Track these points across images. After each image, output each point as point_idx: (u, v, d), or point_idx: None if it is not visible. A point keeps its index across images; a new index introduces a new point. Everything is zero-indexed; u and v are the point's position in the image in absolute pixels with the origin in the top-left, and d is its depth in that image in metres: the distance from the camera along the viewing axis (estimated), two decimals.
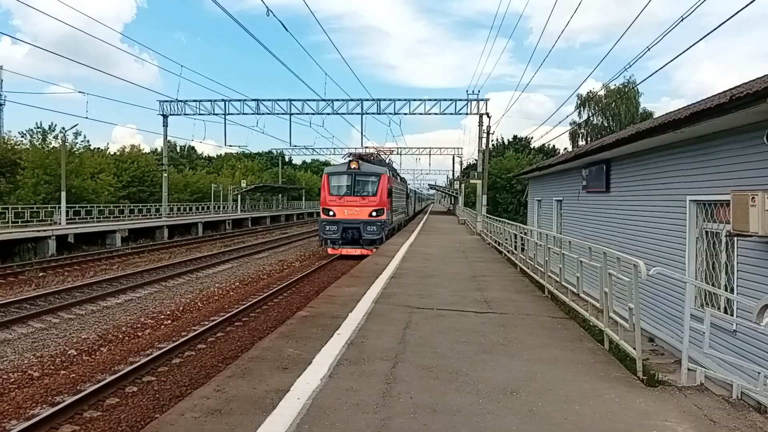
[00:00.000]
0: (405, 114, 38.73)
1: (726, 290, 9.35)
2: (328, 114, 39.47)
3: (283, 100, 39.90)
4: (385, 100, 39.05)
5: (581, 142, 61.53)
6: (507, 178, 47.58)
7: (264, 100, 41.05)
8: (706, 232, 10.28)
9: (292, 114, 39.60)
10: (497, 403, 5.59)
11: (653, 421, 5.30)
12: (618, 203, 14.91)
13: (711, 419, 5.41)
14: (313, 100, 39.09)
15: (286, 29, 16.95)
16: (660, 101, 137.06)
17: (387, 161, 40.56)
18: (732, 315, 9.03)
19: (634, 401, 5.80)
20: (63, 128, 42.36)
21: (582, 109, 64.07)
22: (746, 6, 10.39)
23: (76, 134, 48.81)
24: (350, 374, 6.38)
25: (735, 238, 8.86)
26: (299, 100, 39.75)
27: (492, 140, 48.84)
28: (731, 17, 10.78)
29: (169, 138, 50.62)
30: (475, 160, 42.85)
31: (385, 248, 22.85)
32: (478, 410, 5.39)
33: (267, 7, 14.30)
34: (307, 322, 8.91)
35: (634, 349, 7.04)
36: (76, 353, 11.87)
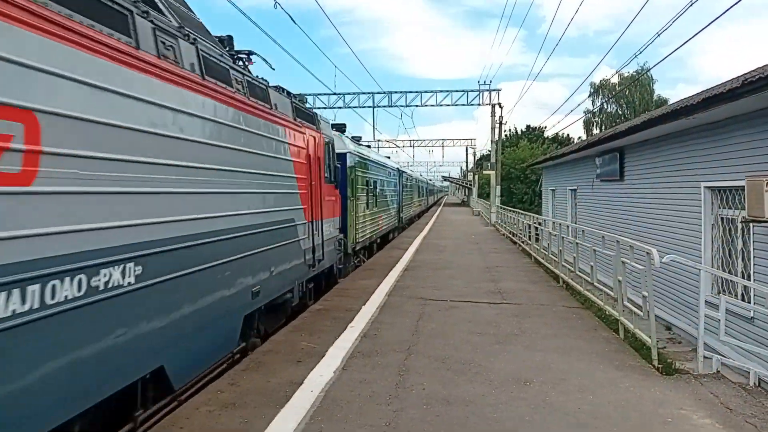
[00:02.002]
0: (417, 106, 38.13)
1: (743, 277, 9.24)
2: (340, 108, 39.21)
3: (294, 94, 39.85)
4: (396, 92, 38.65)
5: (595, 131, 60.97)
6: (521, 168, 47.23)
7: None
8: (722, 218, 10.16)
9: None
10: (510, 394, 5.58)
11: (668, 409, 5.26)
12: (632, 191, 14.77)
13: (727, 407, 5.37)
14: (324, 94, 38.85)
15: (294, 22, 16.80)
16: (676, 88, 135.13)
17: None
18: (749, 302, 8.93)
19: (649, 390, 5.77)
20: None
21: (595, 97, 63.46)
22: None
23: None
24: (363, 366, 6.40)
25: (750, 224, 8.75)
26: (310, 94, 39.43)
27: (505, 130, 48.61)
28: (739, 1, 10.60)
29: None
30: (489, 150, 42.67)
31: (399, 241, 22.84)
32: (491, 401, 5.39)
33: (275, 0, 14.21)
34: (321, 315, 8.95)
35: (649, 337, 7.00)
36: None
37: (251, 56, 8.26)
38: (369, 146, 26.44)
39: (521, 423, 4.92)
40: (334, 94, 38.52)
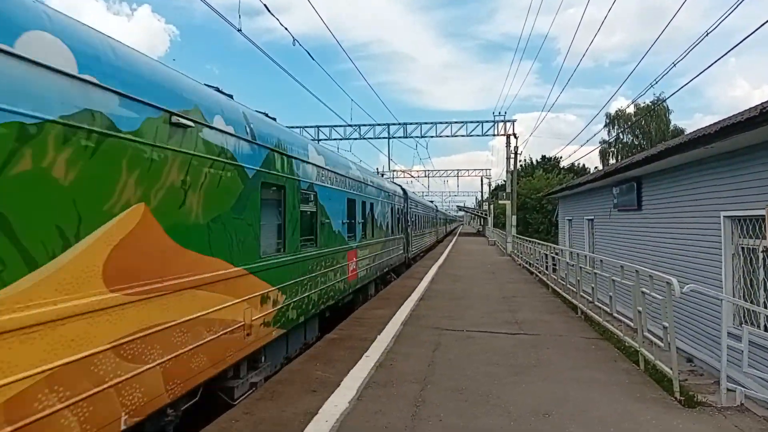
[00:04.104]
0: (432, 137, 38.24)
1: (765, 307, 9.05)
2: (356, 139, 39.53)
3: (311, 126, 40.15)
4: (411, 123, 38.88)
5: (611, 161, 60.79)
6: (537, 198, 47.10)
7: (293, 126, 41.38)
8: (742, 248, 10.01)
9: (320, 140, 39.89)
10: (529, 425, 5.48)
11: None
12: (650, 221, 14.63)
13: None
14: (341, 126, 39.20)
15: (313, 58, 17.10)
16: (693, 118, 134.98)
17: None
18: None
19: (671, 422, 5.63)
20: None
21: (611, 127, 63.45)
22: None
23: None
24: (378, 397, 6.33)
25: None
26: (327, 126, 39.95)
27: (520, 160, 48.59)
28: (755, 31, 10.61)
29: None
30: (504, 180, 42.63)
31: (414, 270, 22.74)
32: None
33: (293, 38, 14.57)
34: (336, 345, 8.89)
35: (671, 369, 6.85)
36: None
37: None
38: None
39: None
40: (350, 125, 38.90)
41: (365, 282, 14.68)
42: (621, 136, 62.95)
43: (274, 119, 8.85)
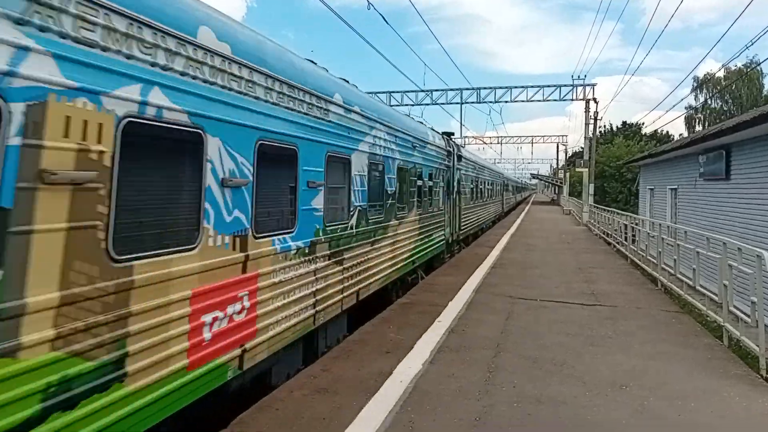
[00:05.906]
0: (506, 102, 37.46)
1: None
2: (428, 104, 39.21)
3: (383, 92, 40.04)
4: (485, 88, 38.18)
5: (698, 128, 57.62)
6: (616, 166, 45.42)
7: (369, 92, 41.31)
8: None
9: (392, 106, 39.70)
10: (605, 397, 5.42)
11: None
12: (739, 191, 13.86)
13: None
14: (413, 91, 38.90)
15: (387, 22, 16.97)
16: None
17: None
18: None
19: (756, 400, 5.43)
20: None
21: (699, 92, 59.97)
22: None
23: None
24: (452, 361, 6.40)
25: None
26: (399, 91, 39.80)
27: (600, 126, 46.82)
28: None
29: None
30: (581, 147, 41.30)
31: (485, 239, 22.57)
32: (584, 402, 5.26)
33: (369, 2, 14.48)
34: (407, 309, 9.02)
35: (757, 346, 6.58)
36: None
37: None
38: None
39: (618, 427, 4.77)
40: (422, 91, 38.56)
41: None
42: (709, 102, 59.48)
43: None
